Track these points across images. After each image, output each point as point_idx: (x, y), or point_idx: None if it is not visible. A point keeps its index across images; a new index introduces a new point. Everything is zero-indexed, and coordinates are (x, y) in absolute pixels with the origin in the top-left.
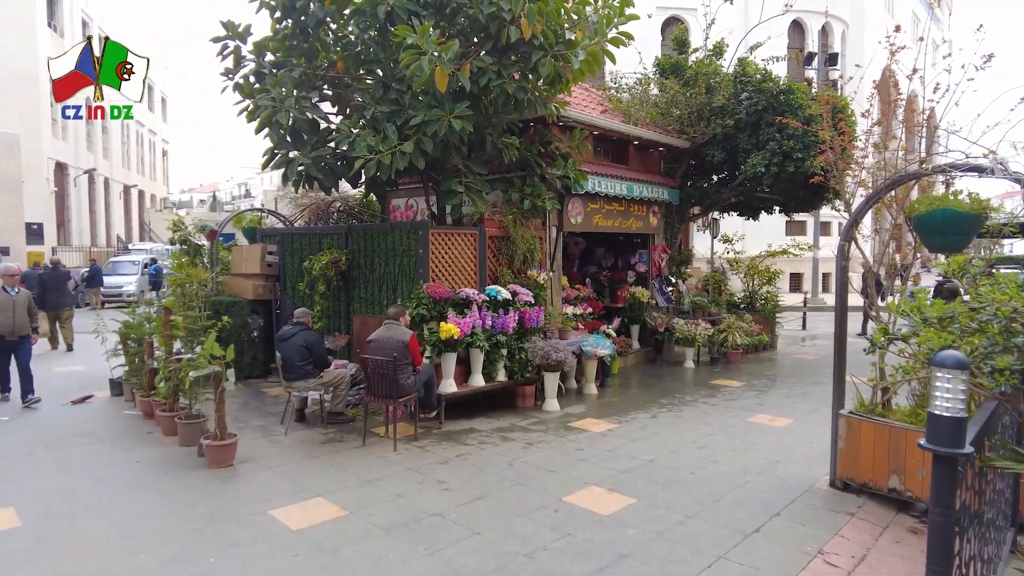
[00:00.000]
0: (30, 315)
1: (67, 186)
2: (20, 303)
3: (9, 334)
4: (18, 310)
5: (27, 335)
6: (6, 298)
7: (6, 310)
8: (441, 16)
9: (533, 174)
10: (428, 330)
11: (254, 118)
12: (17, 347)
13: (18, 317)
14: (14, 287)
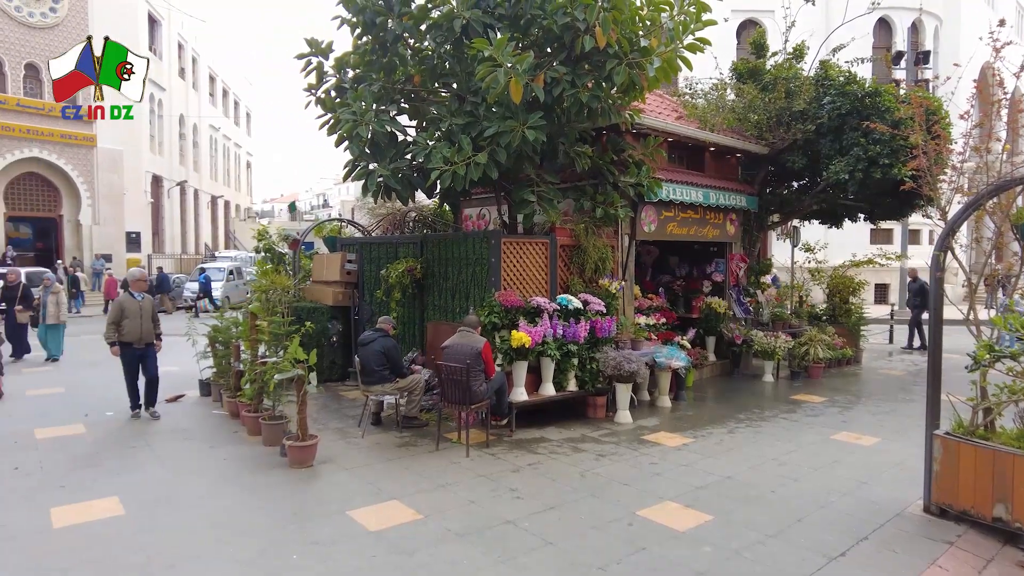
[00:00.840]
0: (154, 321)
1: (162, 197)
2: (146, 309)
3: (137, 341)
4: (144, 316)
5: (152, 342)
6: (133, 304)
7: (134, 316)
8: (515, 28)
9: (606, 182)
10: (499, 338)
11: (335, 131)
12: (144, 355)
13: (145, 324)
14: (141, 292)
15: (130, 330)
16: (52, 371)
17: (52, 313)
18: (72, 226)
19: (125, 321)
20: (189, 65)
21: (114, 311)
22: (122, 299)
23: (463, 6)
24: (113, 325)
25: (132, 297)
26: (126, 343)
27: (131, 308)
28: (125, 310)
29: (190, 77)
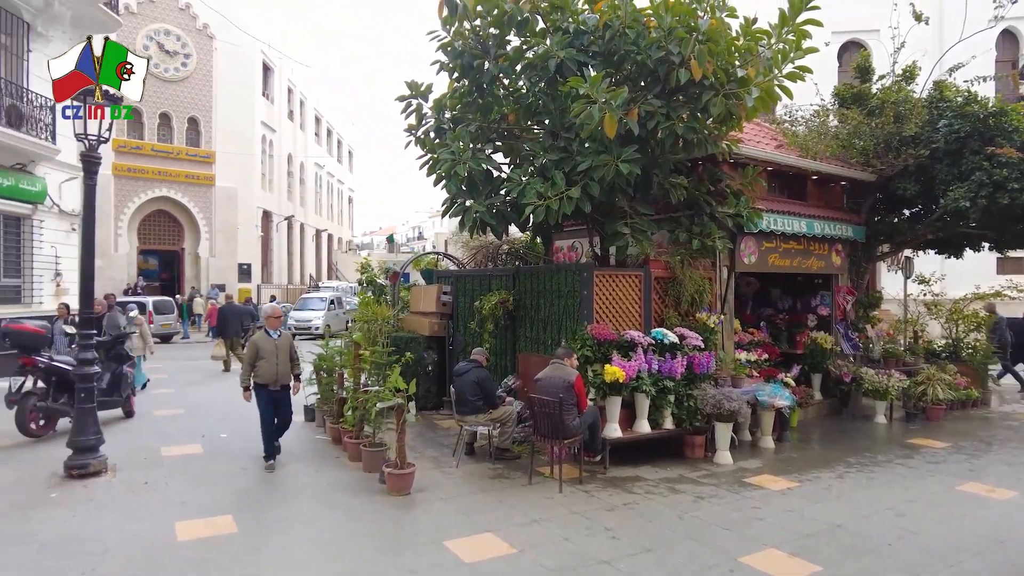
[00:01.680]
0: (292, 360)
1: (271, 231)
2: (283, 348)
3: (272, 383)
4: (281, 356)
5: (289, 384)
6: (269, 342)
7: (269, 356)
8: (608, 64)
9: (702, 213)
10: (592, 372)
11: (435, 171)
12: (280, 398)
13: (281, 364)
14: (277, 329)
15: (265, 371)
16: (174, 393)
17: (137, 346)
18: (192, 258)
19: (260, 362)
20: (297, 108)
21: (249, 351)
22: (257, 338)
23: (557, 46)
24: (248, 367)
25: (267, 335)
26: (261, 385)
27: (266, 347)
28: (260, 350)
29: (298, 119)
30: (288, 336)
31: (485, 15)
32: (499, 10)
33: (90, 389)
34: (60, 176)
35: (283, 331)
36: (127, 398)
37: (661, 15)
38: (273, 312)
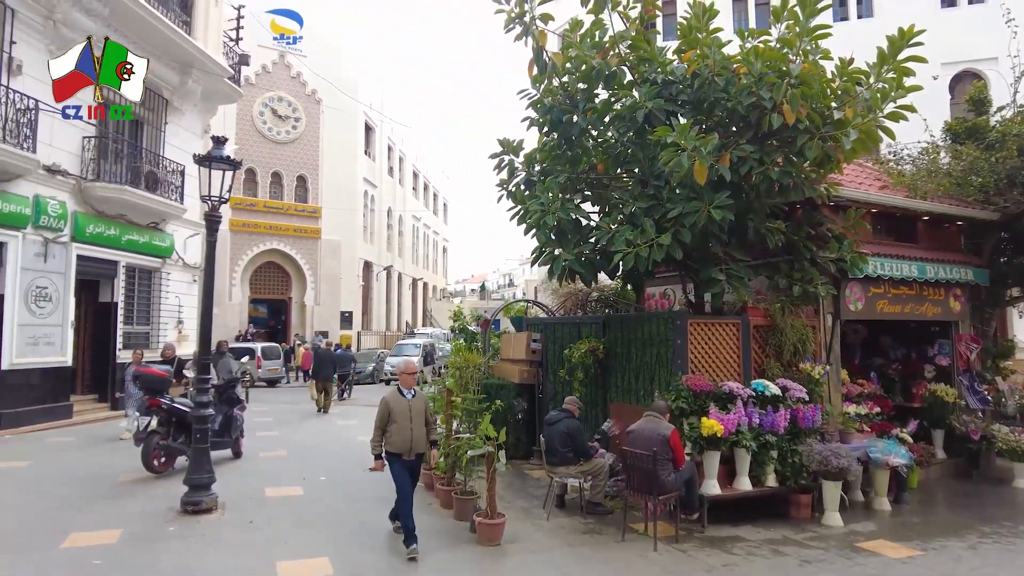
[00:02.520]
0: (428, 425)
1: (371, 280)
2: (418, 410)
3: (406, 452)
4: (416, 420)
5: (424, 452)
6: (402, 404)
7: (402, 419)
8: (698, 112)
9: (802, 258)
10: (688, 425)
11: (524, 221)
12: (415, 467)
13: (416, 429)
14: (411, 388)
15: (398, 438)
16: (278, 436)
17: None
18: (298, 306)
19: (392, 426)
20: (397, 164)
21: (380, 413)
22: (389, 398)
23: (645, 97)
24: (379, 431)
25: (400, 395)
26: (394, 454)
27: (399, 409)
28: (393, 412)
29: (397, 174)
30: (423, 397)
31: (573, 71)
32: (587, 66)
33: (205, 430)
34: (185, 232)
35: (417, 390)
36: (236, 439)
37: (751, 61)
38: (407, 368)
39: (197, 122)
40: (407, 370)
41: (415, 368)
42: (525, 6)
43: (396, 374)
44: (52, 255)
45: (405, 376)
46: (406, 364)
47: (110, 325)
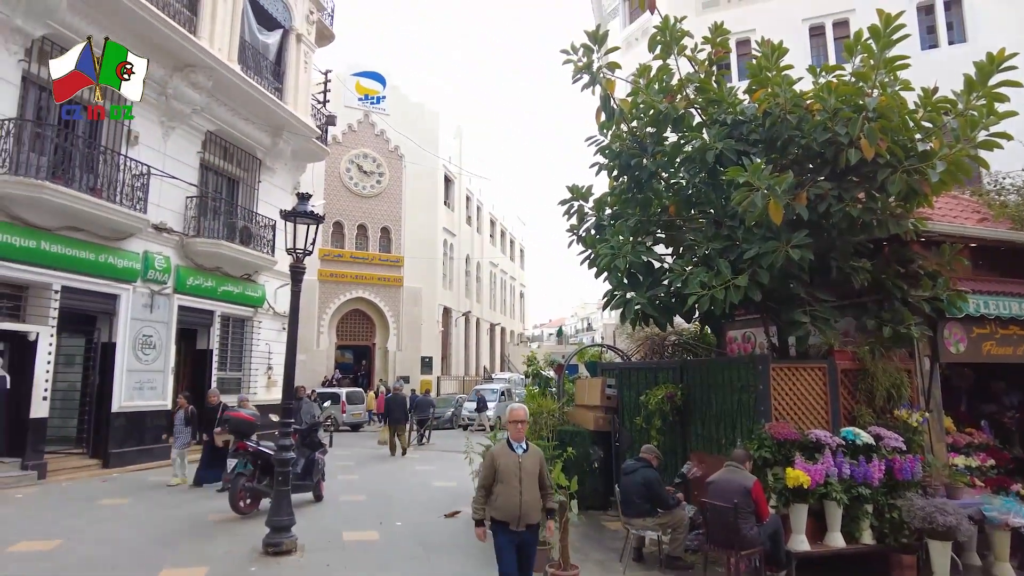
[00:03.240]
0: (543, 488)
1: (450, 326)
2: (530, 468)
3: (514, 521)
4: (527, 480)
5: (537, 523)
6: (510, 460)
7: (510, 479)
8: (771, 150)
9: (892, 298)
10: (772, 475)
11: (595, 265)
12: (526, 542)
13: (527, 492)
14: (521, 441)
15: (505, 501)
16: (358, 480)
17: None
18: (381, 352)
19: (498, 487)
20: (474, 213)
21: (485, 469)
22: (496, 451)
23: (715, 138)
24: (482, 491)
25: (509, 449)
26: (500, 522)
27: (507, 466)
28: (499, 469)
29: (475, 223)
30: (539, 454)
31: (641, 116)
32: (654, 110)
33: (286, 473)
34: (276, 283)
35: (531, 445)
36: (317, 483)
37: (824, 97)
38: (515, 415)
39: (288, 179)
40: (515, 417)
41: (525, 415)
42: (593, 56)
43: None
44: (157, 306)
45: (515, 424)
46: (514, 410)
47: (206, 371)
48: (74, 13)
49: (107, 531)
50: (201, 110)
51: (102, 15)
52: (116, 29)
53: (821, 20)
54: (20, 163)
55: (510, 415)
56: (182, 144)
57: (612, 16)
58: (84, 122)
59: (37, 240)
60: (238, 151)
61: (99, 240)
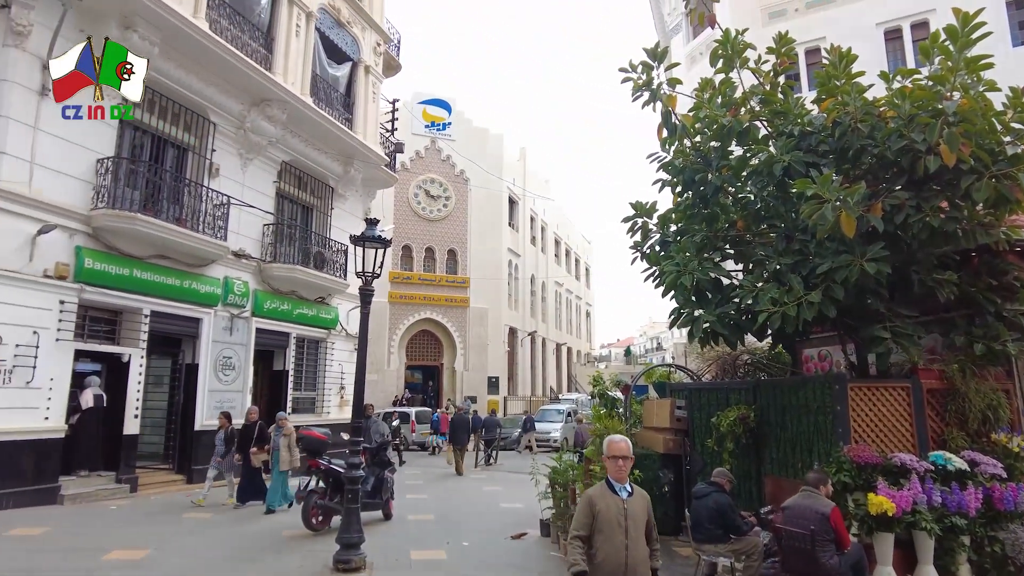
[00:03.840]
0: (650, 538)
1: (516, 346)
2: (637, 515)
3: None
4: (634, 529)
5: None
6: (612, 504)
7: (612, 527)
8: (842, 161)
9: (983, 312)
10: (853, 502)
11: (661, 283)
12: None
13: (633, 543)
14: (624, 483)
15: (606, 555)
16: (426, 499)
17: (284, 458)
18: (449, 372)
19: (598, 537)
20: (539, 233)
21: (580, 517)
22: (594, 494)
23: (782, 150)
24: (579, 542)
25: (611, 491)
26: None
27: (609, 513)
28: (599, 516)
29: (539, 243)
30: (645, 497)
31: (704, 130)
32: (717, 124)
33: (356, 491)
34: (348, 305)
35: (636, 488)
36: (387, 501)
37: (897, 104)
38: (616, 449)
39: (359, 206)
40: (616, 451)
41: (628, 449)
42: (652, 73)
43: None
44: (236, 328)
45: (614, 462)
46: (614, 443)
47: (282, 391)
48: (165, 58)
49: (191, 544)
50: (277, 142)
51: (187, 58)
52: (200, 70)
53: (897, 23)
54: (116, 197)
55: (609, 448)
56: (259, 174)
57: (674, 32)
58: (172, 156)
59: (130, 268)
60: (312, 180)
61: (184, 267)
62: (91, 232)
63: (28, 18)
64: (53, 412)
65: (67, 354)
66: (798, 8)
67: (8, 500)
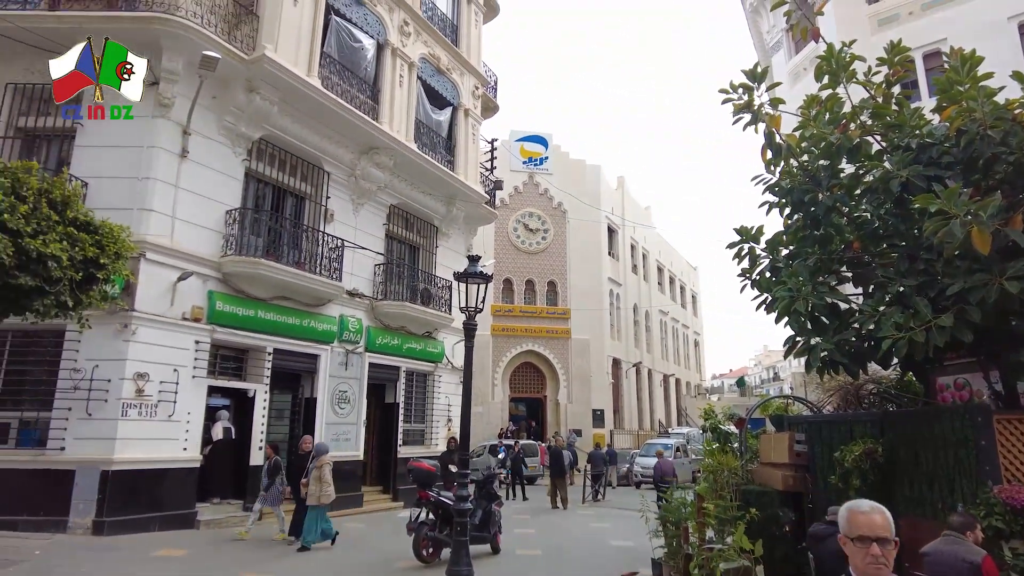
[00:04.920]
0: None
1: (620, 378)
2: None
3: None
4: None
5: None
6: None
7: None
8: (970, 172)
9: None
10: (1010, 551)
11: (772, 310)
12: None
13: None
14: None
15: None
16: (534, 534)
17: (313, 492)
18: (552, 404)
19: None
20: (640, 262)
21: None
22: None
23: (899, 165)
24: None
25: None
26: None
27: None
28: None
29: (641, 271)
30: None
31: (811, 149)
32: (825, 142)
33: (464, 523)
34: (453, 339)
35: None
36: (494, 535)
37: None
38: (871, 526)
39: (461, 242)
40: (873, 530)
41: (889, 526)
42: (754, 94)
43: None
44: (351, 363)
45: (864, 549)
46: (860, 516)
47: (393, 423)
48: (284, 115)
49: (313, 571)
50: (385, 186)
51: (303, 113)
52: (314, 124)
53: None
54: (242, 244)
55: (853, 524)
56: (370, 218)
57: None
58: (291, 204)
59: (255, 309)
60: (417, 220)
61: (303, 307)
62: (221, 277)
63: (172, 91)
64: (190, 443)
65: (201, 389)
66: (912, 11)
67: (154, 523)
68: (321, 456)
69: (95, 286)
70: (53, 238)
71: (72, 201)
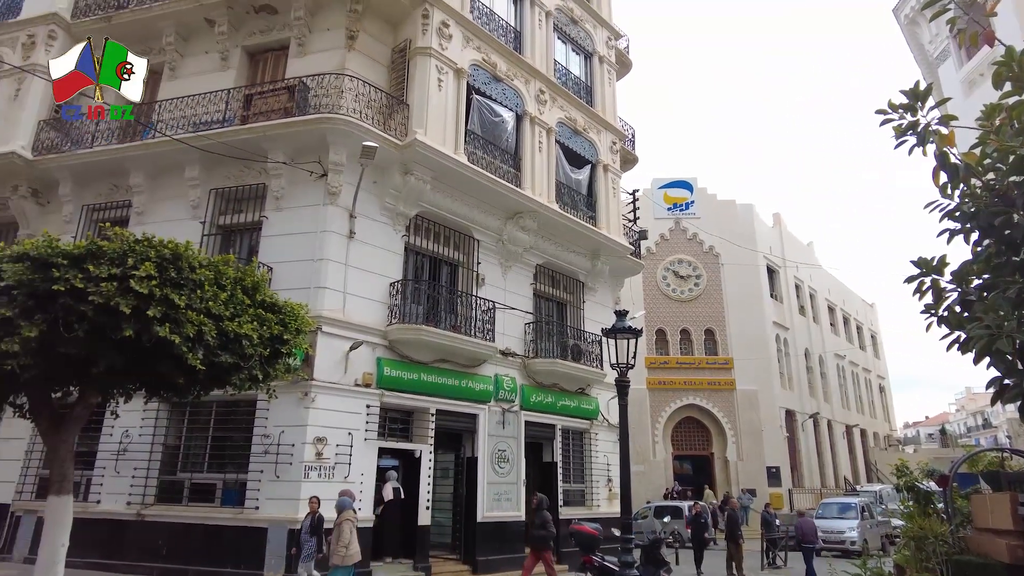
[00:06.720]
0: None
1: (796, 431)
2: None
3: None
4: None
5: None
6: None
7: None
8: None
9: None
10: None
11: (968, 349)
12: None
13: None
14: None
15: None
16: None
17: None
18: (721, 462)
19: None
20: (807, 302)
21: None
22: None
23: None
24: None
25: None
26: None
27: None
28: None
29: (809, 313)
30: None
31: (997, 165)
32: (1015, 156)
33: None
34: (607, 395)
35: None
36: None
37: None
38: None
39: (608, 296)
40: None
41: None
42: (919, 114)
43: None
44: (507, 422)
45: None
46: None
47: (552, 483)
48: (436, 191)
49: None
50: (530, 248)
51: (455, 189)
52: (464, 196)
53: None
54: (405, 313)
55: None
56: (518, 279)
57: (941, 60)
58: (446, 273)
59: (418, 373)
60: (563, 277)
61: (460, 368)
62: (388, 344)
63: (339, 181)
64: (364, 503)
65: (373, 451)
66: None
67: None
68: (343, 512)
69: (280, 360)
70: (246, 320)
71: (260, 285)
